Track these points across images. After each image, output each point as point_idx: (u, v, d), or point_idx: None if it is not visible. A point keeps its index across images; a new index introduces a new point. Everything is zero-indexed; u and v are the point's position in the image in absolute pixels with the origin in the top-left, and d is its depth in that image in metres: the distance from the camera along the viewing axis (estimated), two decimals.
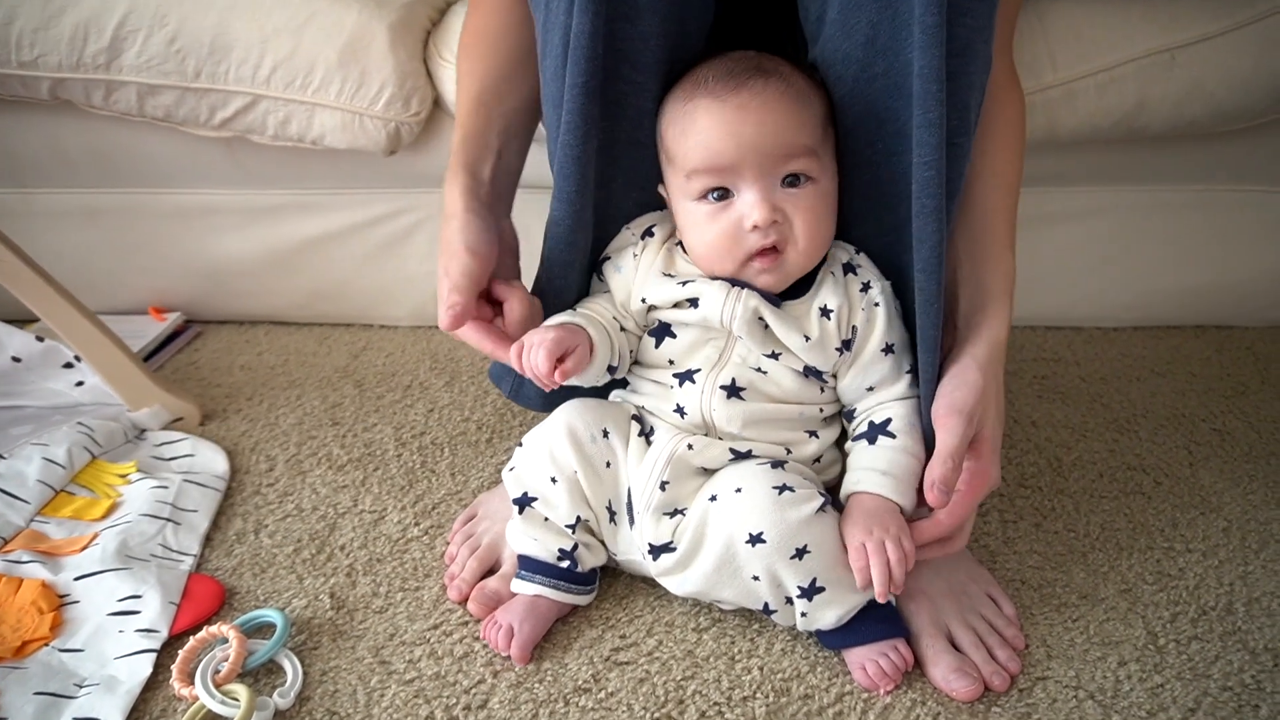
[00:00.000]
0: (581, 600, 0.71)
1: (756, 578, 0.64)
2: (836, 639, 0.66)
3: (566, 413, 0.70)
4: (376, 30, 0.95)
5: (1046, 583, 0.74)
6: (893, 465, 0.66)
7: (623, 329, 0.72)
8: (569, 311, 0.71)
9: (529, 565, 0.70)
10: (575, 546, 0.69)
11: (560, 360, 0.64)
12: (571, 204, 0.68)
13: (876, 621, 0.66)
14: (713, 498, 0.66)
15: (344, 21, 0.95)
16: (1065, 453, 0.90)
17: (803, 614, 0.65)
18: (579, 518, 0.69)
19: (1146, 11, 0.92)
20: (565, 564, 0.69)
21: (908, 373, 0.69)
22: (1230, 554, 0.77)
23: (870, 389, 0.69)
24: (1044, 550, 0.78)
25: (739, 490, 0.64)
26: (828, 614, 0.65)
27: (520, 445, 0.71)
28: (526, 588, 0.70)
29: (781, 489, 0.64)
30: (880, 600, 0.63)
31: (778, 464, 0.67)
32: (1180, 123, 0.95)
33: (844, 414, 0.72)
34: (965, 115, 0.63)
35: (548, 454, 0.69)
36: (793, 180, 0.65)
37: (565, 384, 0.66)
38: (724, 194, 0.65)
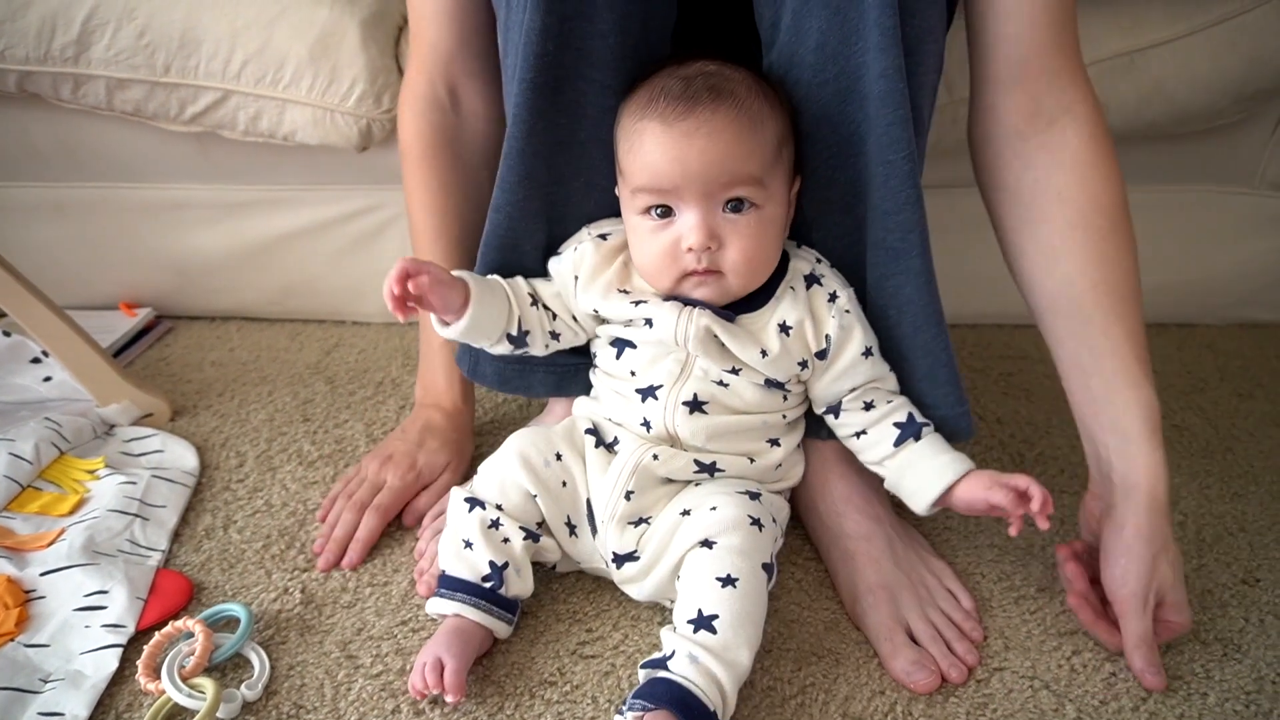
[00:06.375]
0: (500, 629, 0.67)
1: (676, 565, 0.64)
2: (648, 689, 0.58)
3: (518, 441, 0.71)
4: (348, 26, 0.95)
5: (1005, 575, 0.76)
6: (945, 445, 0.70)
7: (540, 304, 0.72)
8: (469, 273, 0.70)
9: (449, 583, 0.67)
10: (506, 564, 0.67)
11: (415, 283, 0.63)
12: (513, 193, 0.69)
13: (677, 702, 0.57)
14: (685, 512, 0.66)
15: (315, 17, 0.95)
16: (1028, 449, 0.92)
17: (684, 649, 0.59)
18: (539, 523, 0.69)
19: (1108, 15, 0.94)
20: (489, 584, 0.66)
21: (890, 371, 0.71)
22: (1186, 547, 0.79)
23: (853, 389, 0.70)
24: (1003, 544, 0.79)
25: (714, 509, 0.65)
26: (686, 652, 0.58)
27: (476, 474, 0.71)
28: (445, 606, 0.66)
29: (755, 520, 0.64)
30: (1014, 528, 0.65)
31: (755, 495, 0.67)
32: (1141, 124, 0.97)
33: (825, 411, 0.72)
34: (919, 115, 0.64)
35: (497, 484, 0.69)
36: (735, 205, 0.64)
37: (468, 345, 0.72)
38: (666, 211, 0.65)
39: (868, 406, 0.70)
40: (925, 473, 0.68)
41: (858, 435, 0.71)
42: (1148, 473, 0.66)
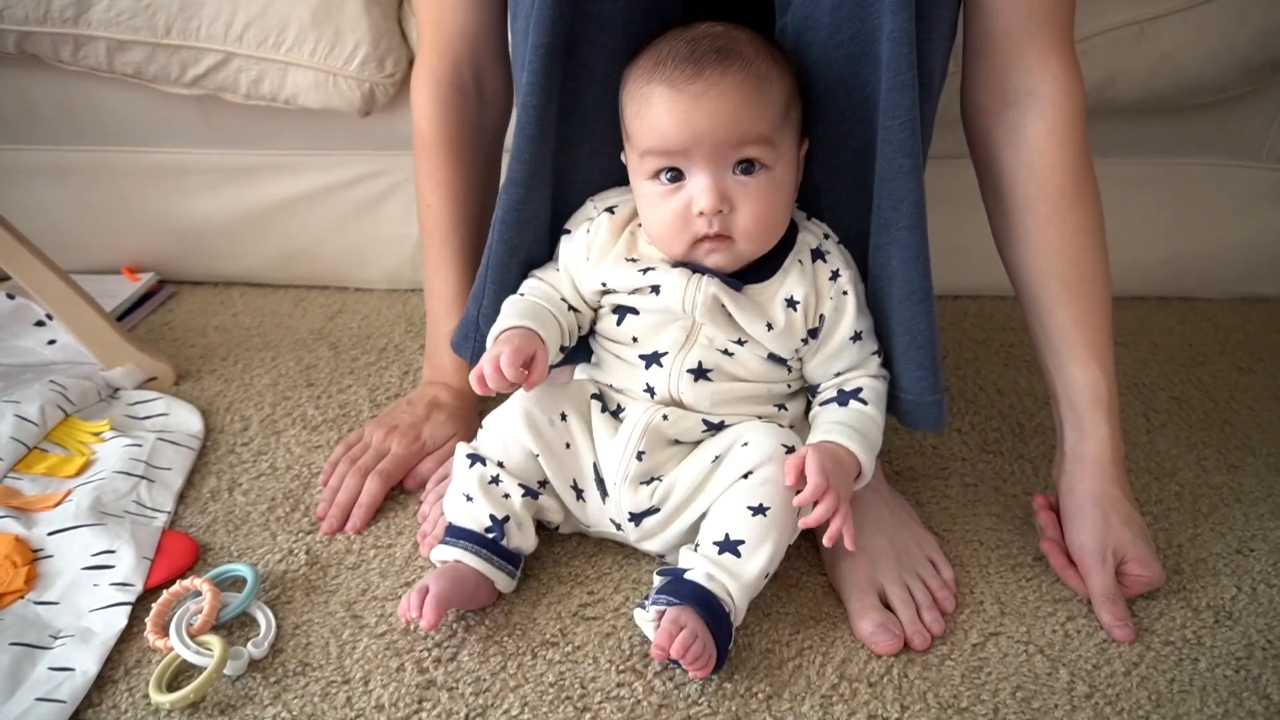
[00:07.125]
0: (501, 580, 0.68)
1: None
2: (672, 588, 0.62)
3: (524, 399, 0.71)
4: None
5: (1003, 543, 0.77)
6: (862, 425, 0.68)
7: (571, 308, 0.72)
8: (516, 301, 0.71)
9: (453, 531, 0.68)
10: (507, 518, 0.68)
11: (526, 366, 0.66)
12: (530, 165, 0.68)
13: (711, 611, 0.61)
14: (715, 459, 0.67)
15: None
16: (1028, 419, 0.93)
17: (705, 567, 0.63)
18: (540, 481, 0.70)
19: None
20: (492, 535, 0.68)
21: (874, 354, 0.71)
22: (1181, 517, 0.80)
23: (838, 373, 0.71)
24: (1001, 512, 0.80)
25: (745, 444, 0.66)
26: (705, 571, 0.62)
27: (481, 428, 0.72)
28: (447, 553, 0.67)
29: (790, 449, 0.66)
30: (807, 523, 0.62)
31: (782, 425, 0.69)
32: (1149, 95, 0.96)
33: (808, 389, 0.73)
34: (930, 82, 0.64)
35: (500, 442, 0.70)
36: (746, 167, 0.64)
37: None
38: (677, 175, 0.64)
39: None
40: (817, 426, 0.69)
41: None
42: (1094, 442, 0.72)
